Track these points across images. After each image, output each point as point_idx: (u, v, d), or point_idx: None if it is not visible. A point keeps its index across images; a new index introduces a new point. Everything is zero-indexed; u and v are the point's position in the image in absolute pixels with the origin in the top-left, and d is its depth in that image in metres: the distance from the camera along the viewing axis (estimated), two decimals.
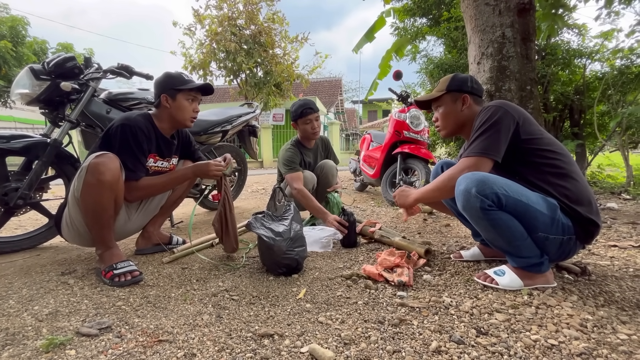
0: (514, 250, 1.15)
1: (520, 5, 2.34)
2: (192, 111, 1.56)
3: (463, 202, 1.12)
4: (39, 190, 1.89)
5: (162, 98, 1.51)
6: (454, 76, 1.36)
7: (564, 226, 1.12)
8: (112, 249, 1.38)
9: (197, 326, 0.97)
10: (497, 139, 1.16)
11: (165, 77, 1.53)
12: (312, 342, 0.86)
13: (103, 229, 1.36)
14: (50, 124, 1.86)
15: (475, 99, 1.34)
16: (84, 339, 0.91)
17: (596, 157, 4.03)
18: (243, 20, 11.72)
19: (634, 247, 1.60)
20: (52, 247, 1.89)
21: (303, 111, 2.19)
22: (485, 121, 1.19)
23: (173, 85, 1.50)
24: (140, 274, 1.33)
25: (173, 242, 1.81)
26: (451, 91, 1.33)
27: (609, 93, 3.59)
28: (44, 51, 11.78)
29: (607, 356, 0.78)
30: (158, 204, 1.70)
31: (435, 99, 1.37)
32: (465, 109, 1.32)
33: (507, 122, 1.17)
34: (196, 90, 1.55)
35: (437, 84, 1.41)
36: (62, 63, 1.76)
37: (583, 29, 4.21)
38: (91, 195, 1.29)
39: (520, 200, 1.09)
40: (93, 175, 1.27)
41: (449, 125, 1.37)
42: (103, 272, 1.32)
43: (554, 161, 1.17)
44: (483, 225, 1.14)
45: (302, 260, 1.40)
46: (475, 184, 1.08)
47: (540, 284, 1.15)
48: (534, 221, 1.10)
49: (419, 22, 5.58)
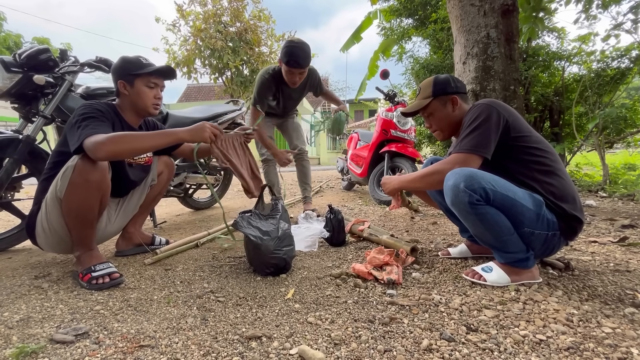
0: (500, 246, 1.16)
1: (504, 6, 2.39)
2: (153, 97, 1.42)
3: (452, 197, 1.13)
4: (10, 189, 1.79)
5: (119, 85, 1.39)
6: (435, 80, 1.35)
7: (549, 222, 1.14)
8: (92, 251, 1.32)
9: (181, 330, 0.93)
10: (486, 137, 1.17)
11: (122, 62, 1.39)
12: (302, 343, 0.84)
13: (85, 230, 1.28)
14: (23, 119, 1.76)
15: (462, 97, 1.35)
16: (58, 346, 0.85)
17: (574, 157, 4.17)
18: (228, 17, 11.56)
19: (613, 243, 1.65)
20: (25, 250, 1.79)
21: (289, 61, 2.04)
22: (474, 119, 1.20)
23: (130, 71, 1.38)
24: (120, 276, 1.27)
25: (156, 242, 1.74)
26: (438, 96, 1.33)
27: (586, 95, 3.71)
28: (18, 45, 11.28)
29: (594, 350, 0.79)
30: (137, 202, 1.62)
31: (424, 107, 1.37)
32: (456, 110, 1.33)
33: (497, 120, 1.18)
34: (156, 74, 1.41)
35: (419, 90, 1.40)
36: (35, 55, 1.67)
37: (562, 32, 4.35)
38: (77, 194, 1.21)
39: (507, 196, 1.10)
40: (81, 175, 1.19)
41: (445, 128, 1.37)
42: (80, 274, 1.25)
43: (541, 158, 1.19)
44: (471, 220, 1.15)
45: (290, 259, 1.37)
46: (464, 179, 1.09)
47: (526, 279, 1.16)
48: (520, 216, 1.11)
49: (405, 23, 5.63)
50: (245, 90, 12.03)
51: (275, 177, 2.61)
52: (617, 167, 4.22)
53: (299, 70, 2.08)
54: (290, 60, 2.03)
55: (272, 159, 2.56)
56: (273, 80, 2.23)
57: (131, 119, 1.46)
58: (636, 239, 1.69)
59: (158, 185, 1.70)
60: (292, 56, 2.03)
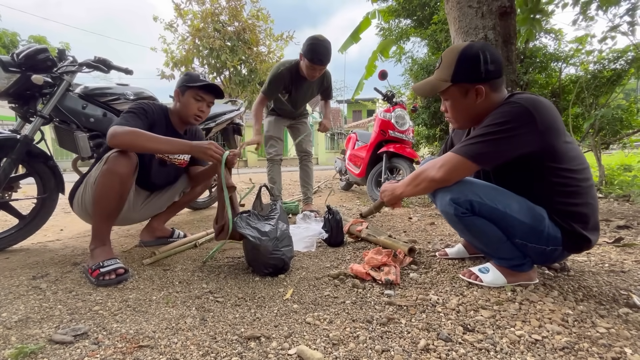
0: (492, 252, 1.17)
1: (502, 8, 2.40)
2: (196, 109, 1.59)
3: (439, 207, 1.16)
4: (7, 189, 1.78)
5: (175, 92, 1.61)
6: (460, 57, 1.04)
7: (550, 237, 1.06)
8: (105, 246, 1.39)
9: (180, 330, 0.93)
10: (495, 148, 1.00)
11: (184, 75, 1.62)
12: (300, 344, 0.85)
13: (103, 222, 1.40)
14: (21, 119, 1.76)
15: (493, 85, 1.05)
16: (57, 346, 0.85)
17: None
18: (226, 16, 11.54)
19: (609, 244, 1.67)
20: (23, 250, 1.79)
21: (312, 58, 2.11)
22: (498, 122, 0.99)
23: (185, 82, 1.57)
24: (125, 272, 1.32)
25: (174, 235, 1.88)
26: (458, 82, 1.07)
27: (583, 96, 3.74)
28: (14, 44, 11.20)
29: (588, 349, 0.80)
30: (166, 201, 1.76)
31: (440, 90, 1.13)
32: (481, 101, 1.07)
33: (520, 132, 0.96)
34: (204, 90, 1.58)
35: (439, 61, 1.12)
36: (33, 55, 1.66)
37: (559, 34, 4.38)
38: (104, 184, 1.33)
39: (496, 208, 1.06)
40: (110, 165, 1.32)
41: (462, 118, 1.15)
42: (90, 269, 1.30)
43: (567, 180, 1.03)
44: (459, 229, 1.18)
45: (289, 260, 1.37)
46: (450, 191, 1.10)
47: (523, 280, 1.17)
48: (511, 229, 1.08)
49: (403, 24, 5.65)
50: (244, 90, 12.01)
51: (279, 177, 2.63)
52: (613, 168, 4.25)
53: (320, 67, 2.16)
54: (315, 57, 2.10)
55: (277, 158, 2.58)
56: (289, 73, 2.29)
57: (177, 123, 1.64)
58: (631, 240, 1.71)
59: (190, 195, 1.86)
60: (316, 54, 2.10)
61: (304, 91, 2.43)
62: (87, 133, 1.88)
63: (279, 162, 2.62)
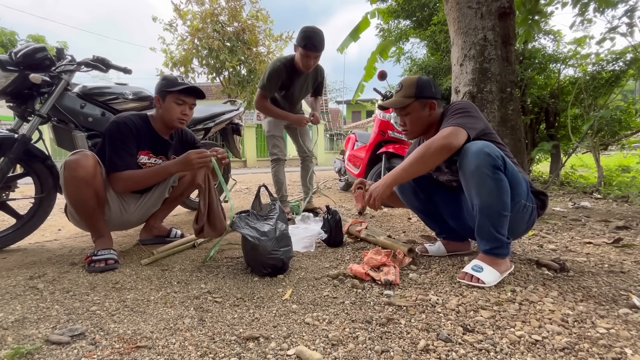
0: (498, 223, 1.17)
1: (501, 9, 2.40)
2: (179, 113, 1.58)
3: (476, 161, 1.14)
4: (5, 189, 1.77)
5: (155, 99, 1.59)
6: (418, 81, 1.37)
7: (530, 197, 1.26)
8: (103, 237, 1.49)
9: (178, 330, 0.92)
10: (474, 120, 1.26)
11: (161, 80, 1.60)
12: (299, 344, 0.84)
13: (89, 219, 1.47)
14: (19, 118, 1.75)
15: (438, 103, 1.40)
16: (54, 347, 0.84)
17: (570, 159, 4.21)
18: (226, 16, 11.53)
19: (608, 244, 1.67)
20: (20, 250, 1.78)
21: (306, 45, 2.13)
22: (461, 109, 1.29)
23: (164, 87, 1.55)
24: (114, 262, 1.41)
25: (172, 235, 1.88)
26: (419, 98, 1.36)
27: (581, 97, 3.75)
28: (12, 43, 11.16)
29: (588, 350, 0.80)
30: (158, 198, 1.75)
31: (404, 106, 1.39)
32: (432, 114, 1.39)
33: (477, 114, 1.29)
34: (184, 93, 1.56)
35: (400, 86, 1.41)
36: (31, 53, 1.65)
37: (558, 35, 4.39)
38: (70, 189, 1.39)
39: (514, 167, 1.20)
40: (69, 172, 1.36)
41: (417, 130, 1.43)
42: (87, 257, 1.41)
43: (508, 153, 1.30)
44: (489, 187, 1.14)
45: (288, 260, 1.37)
46: (484, 145, 1.15)
47: (504, 269, 1.22)
48: (520, 188, 1.21)
49: (403, 24, 5.65)
50: (243, 90, 12.01)
51: (284, 177, 2.58)
52: (611, 168, 4.26)
53: (315, 53, 2.17)
54: (308, 43, 2.12)
55: (282, 158, 2.55)
56: (285, 68, 2.30)
57: (161, 129, 1.64)
58: (630, 240, 1.71)
59: (179, 187, 1.83)
60: (309, 40, 2.12)
61: (300, 86, 2.44)
62: (85, 132, 1.87)
63: (283, 163, 2.58)
